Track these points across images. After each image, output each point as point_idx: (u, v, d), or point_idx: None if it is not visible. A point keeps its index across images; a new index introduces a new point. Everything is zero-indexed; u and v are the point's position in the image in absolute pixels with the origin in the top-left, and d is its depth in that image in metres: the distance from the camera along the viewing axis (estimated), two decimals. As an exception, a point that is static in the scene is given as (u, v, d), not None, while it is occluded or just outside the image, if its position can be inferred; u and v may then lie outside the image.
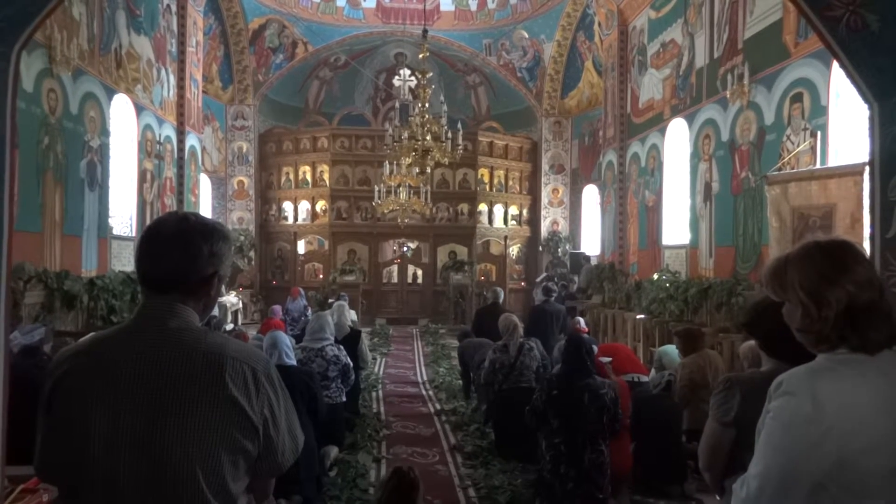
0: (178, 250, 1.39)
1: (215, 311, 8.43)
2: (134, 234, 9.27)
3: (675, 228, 9.87)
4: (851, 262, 1.35)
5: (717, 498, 1.98)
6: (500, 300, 8.17)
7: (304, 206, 15.64)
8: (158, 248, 1.40)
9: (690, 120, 9.26)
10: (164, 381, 1.30)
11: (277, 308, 9.73)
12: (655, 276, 9.67)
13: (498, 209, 16.06)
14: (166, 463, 1.27)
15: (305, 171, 15.59)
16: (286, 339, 4.61)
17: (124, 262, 8.74)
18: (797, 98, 6.83)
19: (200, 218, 1.46)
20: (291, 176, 15.69)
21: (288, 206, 15.76)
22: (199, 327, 1.41)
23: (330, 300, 11.14)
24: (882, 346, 1.32)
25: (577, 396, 3.85)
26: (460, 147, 10.28)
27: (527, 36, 15.52)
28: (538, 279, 13.89)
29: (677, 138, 9.84)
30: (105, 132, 8.36)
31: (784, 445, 1.28)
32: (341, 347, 5.42)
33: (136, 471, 1.27)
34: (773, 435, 1.30)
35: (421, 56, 10.27)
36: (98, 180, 8.17)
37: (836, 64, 5.82)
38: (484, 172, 15.73)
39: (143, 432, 1.28)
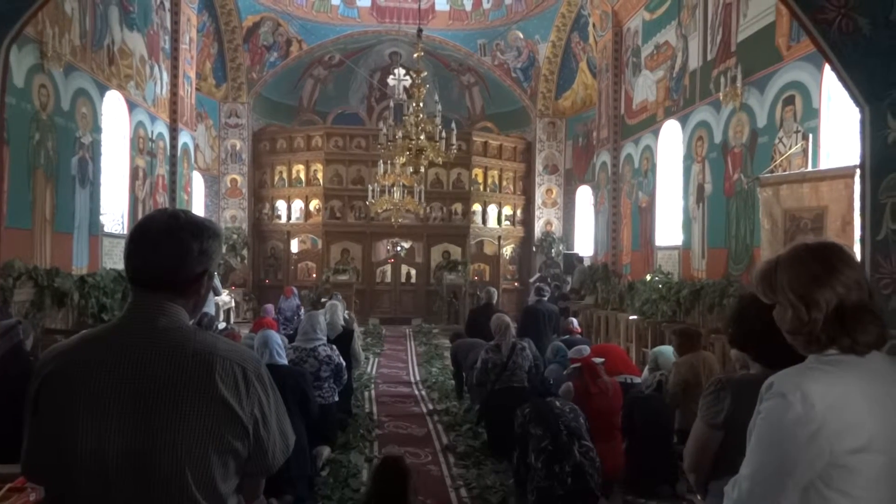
0: (168, 248, 1.37)
1: (210, 310, 8.38)
2: (125, 232, 9.21)
3: (668, 230, 9.89)
4: (840, 263, 1.36)
5: (699, 498, 1.98)
6: (494, 300, 8.15)
7: (298, 204, 15.58)
8: (147, 246, 1.38)
9: (684, 122, 9.29)
10: (153, 381, 1.29)
11: (270, 307, 9.70)
12: (648, 277, 9.70)
13: (492, 209, 16.06)
14: (155, 463, 1.26)
15: (299, 170, 15.53)
16: (277, 339, 4.59)
17: (115, 259, 8.67)
18: (789, 101, 6.86)
19: (190, 215, 1.44)
20: (285, 174, 15.63)
21: (281, 205, 15.70)
22: (189, 326, 1.39)
23: (323, 299, 11.12)
24: (871, 347, 1.33)
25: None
26: (454, 147, 10.25)
27: (521, 36, 15.53)
28: (531, 279, 13.91)
29: (670, 140, 9.86)
30: (97, 129, 8.31)
31: (775, 446, 1.28)
32: (334, 347, 5.41)
33: (125, 471, 1.26)
34: (765, 436, 1.31)
35: (416, 55, 10.24)
36: (89, 177, 8.12)
37: (827, 67, 5.85)
38: (478, 172, 15.71)
39: (131, 433, 1.26)
